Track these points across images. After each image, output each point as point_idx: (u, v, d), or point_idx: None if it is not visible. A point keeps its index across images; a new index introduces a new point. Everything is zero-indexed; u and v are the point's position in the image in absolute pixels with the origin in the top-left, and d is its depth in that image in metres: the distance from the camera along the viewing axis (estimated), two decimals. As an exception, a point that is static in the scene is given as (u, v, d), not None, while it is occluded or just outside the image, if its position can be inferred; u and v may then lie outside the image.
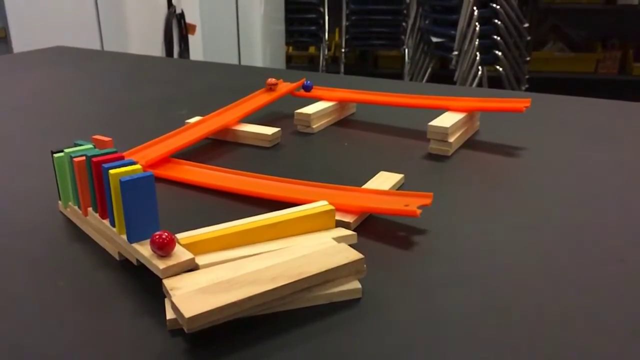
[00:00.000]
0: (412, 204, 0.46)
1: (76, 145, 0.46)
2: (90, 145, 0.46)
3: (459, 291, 0.38)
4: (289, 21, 3.56)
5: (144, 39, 2.13)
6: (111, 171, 0.38)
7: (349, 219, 0.47)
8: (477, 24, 2.72)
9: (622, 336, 0.34)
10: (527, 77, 3.02)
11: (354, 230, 0.45)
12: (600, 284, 0.39)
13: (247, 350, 0.33)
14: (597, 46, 3.55)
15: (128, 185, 0.37)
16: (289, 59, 3.84)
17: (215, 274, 0.36)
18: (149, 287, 0.39)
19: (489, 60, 2.78)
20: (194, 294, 0.34)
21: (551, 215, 0.49)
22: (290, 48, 3.89)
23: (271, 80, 0.80)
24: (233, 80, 1.04)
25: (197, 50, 2.45)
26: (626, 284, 0.39)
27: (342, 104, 0.79)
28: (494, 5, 2.72)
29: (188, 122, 0.72)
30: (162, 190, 0.55)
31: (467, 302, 0.37)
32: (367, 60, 4.01)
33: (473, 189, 0.55)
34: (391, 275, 0.40)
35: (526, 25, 2.89)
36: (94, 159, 0.41)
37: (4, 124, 0.79)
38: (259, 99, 0.77)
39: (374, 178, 0.56)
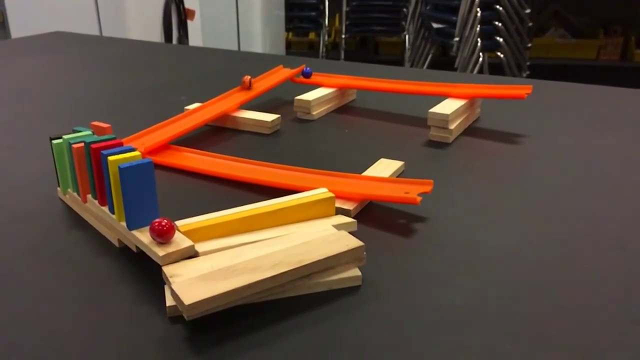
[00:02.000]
0: (413, 191, 0.46)
1: (75, 131, 0.46)
2: (89, 132, 0.45)
3: (459, 279, 0.38)
4: (288, 7, 3.53)
5: (143, 24, 2.11)
6: (110, 158, 0.38)
7: (349, 206, 0.47)
8: (478, 9, 2.70)
9: (622, 323, 0.34)
10: (528, 63, 3.00)
11: (354, 218, 0.44)
12: (600, 271, 0.39)
13: (246, 337, 0.33)
14: (599, 32, 3.53)
15: (127, 172, 0.37)
16: (288, 45, 3.82)
17: (215, 261, 0.36)
18: (148, 274, 0.39)
19: (490, 46, 2.76)
20: (193, 281, 0.33)
21: (552, 202, 0.49)
22: (290, 34, 3.86)
23: (247, 77, 0.74)
24: (232, 66, 1.04)
25: (196, 35, 2.44)
26: (626, 271, 0.39)
27: (342, 90, 0.79)
28: (496, -10, 2.70)
29: (187, 109, 0.71)
30: (161, 177, 0.55)
31: (467, 290, 0.37)
32: (367, 47, 3.99)
33: (473, 176, 0.55)
34: (391, 263, 0.40)
35: (528, 11, 2.87)
36: (93, 146, 0.40)
37: (2, 109, 0.78)
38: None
39: (374, 165, 0.55)
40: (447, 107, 0.65)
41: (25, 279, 0.39)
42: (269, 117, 0.68)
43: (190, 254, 0.37)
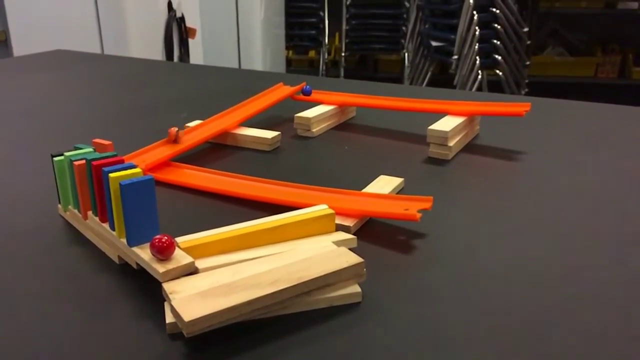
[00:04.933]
0: (412, 207, 0.46)
1: (76, 148, 0.46)
2: (90, 149, 0.46)
3: (459, 295, 0.38)
4: (289, 25, 3.56)
5: (144, 42, 2.13)
6: (111, 175, 0.38)
7: (348, 222, 0.47)
8: (476, 28, 2.72)
9: (622, 339, 0.34)
10: (526, 81, 3.02)
11: (353, 234, 0.45)
12: (600, 287, 0.39)
13: (246, 354, 0.33)
14: (597, 50, 3.55)
15: (128, 188, 0.37)
16: (289, 62, 3.85)
17: (215, 278, 0.36)
18: (148, 291, 0.39)
19: (488, 64, 2.78)
20: (193, 298, 0.33)
21: (550, 219, 0.49)
22: (290, 52, 3.89)
23: (173, 130, 0.64)
24: (233, 84, 1.05)
25: (197, 54, 2.45)
26: (626, 287, 0.39)
27: (342, 107, 0.79)
28: (494, 9, 2.72)
29: (188, 126, 0.72)
30: (162, 194, 0.55)
31: (467, 306, 0.37)
32: (367, 64, 4.01)
33: (473, 193, 0.55)
34: (391, 279, 0.40)
35: (526, 29, 2.89)
36: (94, 163, 0.41)
37: (5, 127, 0.79)
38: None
39: (373, 182, 0.56)
40: (447, 124, 0.65)
41: (25, 295, 0.39)
42: (269, 134, 0.68)
43: (190, 271, 0.37)
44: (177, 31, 2.27)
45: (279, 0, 3.38)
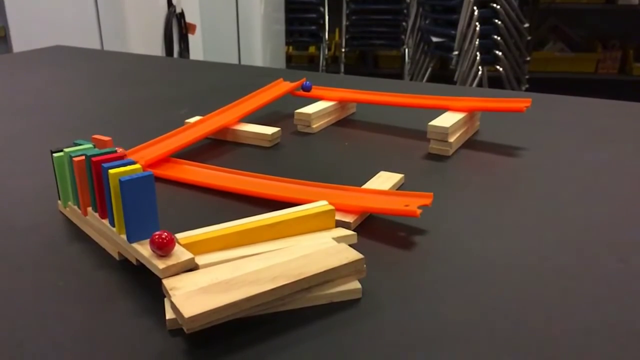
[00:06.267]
0: (412, 204, 0.46)
1: (76, 144, 0.46)
2: (90, 145, 0.46)
3: (459, 291, 0.38)
4: (289, 21, 3.55)
5: (144, 38, 2.13)
6: (111, 171, 0.38)
7: (349, 219, 0.47)
8: (477, 23, 2.72)
9: (622, 336, 0.34)
10: (527, 77, 3.02)
11: (354, 230, 0.44)
12: (600, 283, 0.39)
13: (246, 350, 0.33)
14: (598, 46, 3.55)
15: (128, 185, 0.37)
16: (289, 58, 3.84)
17: (215, 274, 0.36)
18: (148, 287, 0.39)
19: (489, 60, 2.78)
20: (193, 294, 0.33)
21: (551, 215, 0.49)
22: (290, 48, 3.88)
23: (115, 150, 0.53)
24: (233, 80, 1.04)
25: (197, 49, 2.45)
26: (626, 284, 0.39)
27: (342, 103, 0.79)
28: (494, 5, 2.72)
29: (188, 122, 0.71)
30: (161, 190, 0.55)
31: (467, 302, 0.37)
32: (367, 60, 4.01)
33: (473, 189, 0.55)
34: (391, 276, 0.40)
35: (526, 25, 2.89)
36: (94, 159, 0.41)
37: (4, 123, 0.79)
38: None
39: (374, 178, 0.56)
40: (447, 120, 0.65)
41: (25, 292, 0.39)
42: (269, 130, 0.68)
43: (190, 267, 0.37)
44: (176, 27, 2.27)
45: (279, -4, 3.37)
